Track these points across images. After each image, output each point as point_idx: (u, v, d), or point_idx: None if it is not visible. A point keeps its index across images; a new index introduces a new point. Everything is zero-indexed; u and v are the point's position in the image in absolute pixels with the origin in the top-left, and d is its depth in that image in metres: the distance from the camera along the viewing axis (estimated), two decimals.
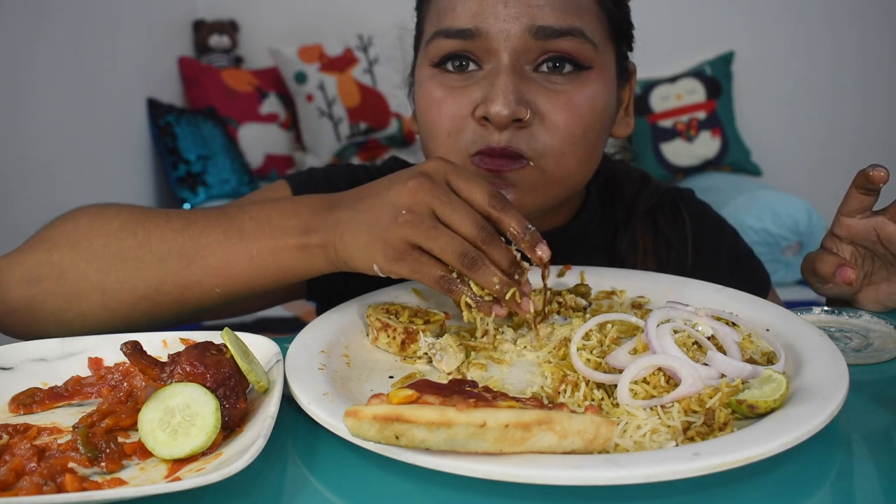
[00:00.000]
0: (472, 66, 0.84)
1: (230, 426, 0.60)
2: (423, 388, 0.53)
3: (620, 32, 0.90)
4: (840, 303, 0.90)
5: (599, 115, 0.85)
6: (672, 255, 1.02)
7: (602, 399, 0.62)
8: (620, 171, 1.06)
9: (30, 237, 0.81)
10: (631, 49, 0.94)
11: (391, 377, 0.70)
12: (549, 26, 0.80)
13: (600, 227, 1.02)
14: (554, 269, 0.90)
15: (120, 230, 0.77)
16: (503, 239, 0.70)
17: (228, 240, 0.76)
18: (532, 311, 0.71)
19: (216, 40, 3.40)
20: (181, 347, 0.70)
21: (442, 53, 0.84)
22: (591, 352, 0.66)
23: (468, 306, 0.71)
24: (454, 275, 0.69)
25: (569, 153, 0.84)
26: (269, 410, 0.58)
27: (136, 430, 0.59)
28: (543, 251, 0.70)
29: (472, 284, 0.70)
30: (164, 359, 0.64)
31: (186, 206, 2.86)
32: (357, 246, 0.71)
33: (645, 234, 1.02)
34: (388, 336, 0.73)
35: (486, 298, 0.70)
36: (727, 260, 1.06)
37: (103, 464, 0.56)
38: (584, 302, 0.82)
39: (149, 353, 0.64)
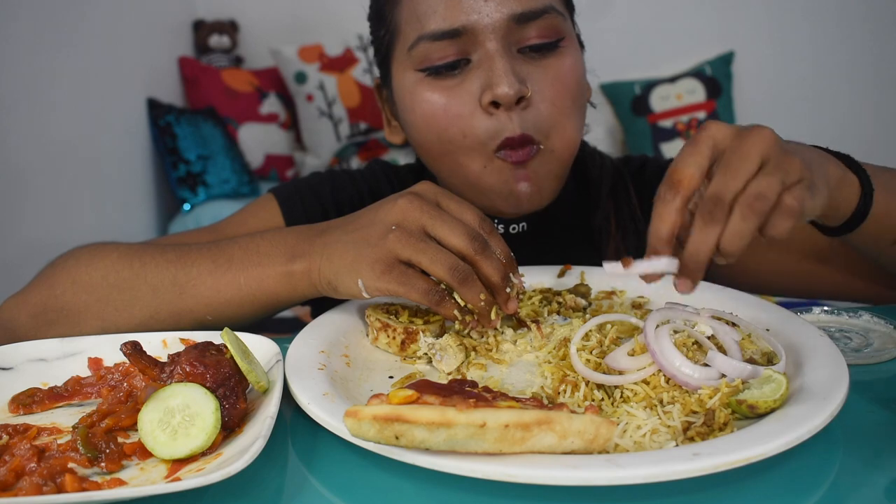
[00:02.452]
0: (460, 62, 0.86)
1: (230, 426, 0.60)
2: (423, 388, 0.53)
3: (570, 1, 0.94)
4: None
5: (581, 80, 0.89)
6: (630, 225, 1.03)
7: (602, 399, 0.62)
8: (586, 150, 1.07)
9: (35, 276, 0.86)
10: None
11: (391, 377, 0.70)
12: (528, 11, 0.84)
13: (576, 206, 1.04)
14: (554, 269, 0.90)
15: (117, 262, 0.81)
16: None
17: (218, 269, 0.79)
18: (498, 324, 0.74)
19: (216, 40, 3.40)
20: (181, 347, 0.70)
21: (430, 56, 0.85)
22: (591, 352, 0.66)
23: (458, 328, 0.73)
24: (441, 287, 0.71)
25: (567, 125, 0.87)
26: (269, 410, 0.58)
27: (136, 430, 0.59)
28: (517, 278, 0.74)
29: (457, 298, 0.72)
30: (164, 359, 0.64)
31: (186, 206, 2.86)
32: (344, 263, 0.73)
33: (614, 211, 1.03)
34: (388, 336, 0.73)
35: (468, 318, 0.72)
36: None
37: (103, 464, 0.56)
38: (583, 302, 0.82)
39: (149, 353, 0.65)
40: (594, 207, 1.03)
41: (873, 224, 0.72)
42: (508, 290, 0.72)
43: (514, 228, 0.98)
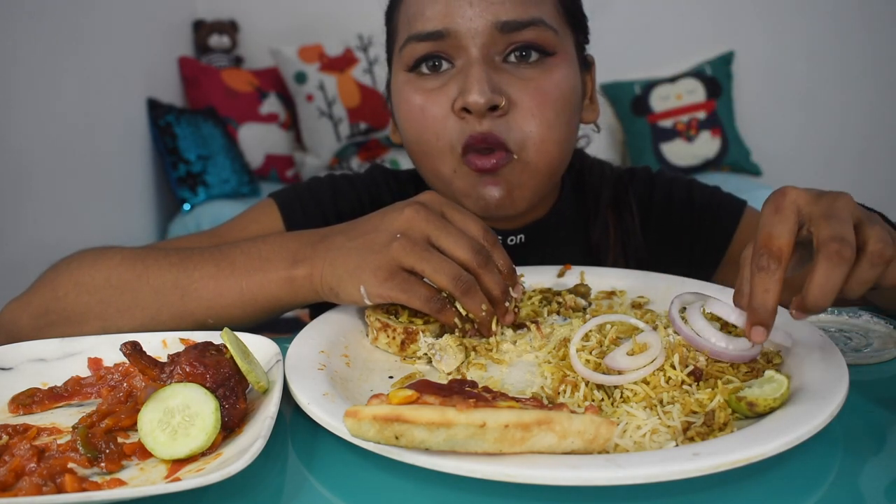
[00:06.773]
0: (444, 66, 0.87)
1: (230, 426, 0.60)
2: (423, 389, 0.53)
3: (576, 21, 0.94)
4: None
5: (568, 98, 0.89)
6: (630, 239, 1.03)
7: (602, 399, 0.62)
8: (585, 162, 1.08)
9: (37, 279, 0.86)
10: (587, 41, 0.97)
11: (391, 377, 0.70)
12: (513, 20, 0.84)
13: (574, 218, 1.04)
14: (553, 270, 0.90)
15: (120, 265, 0.81)
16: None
17: (220, 273, 0.79)
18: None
19: (216, 40, 3.40)
20: (181, 347, 0.70)
21: (416, 56, 0.87)
22: (591, 353, 0.66)
23: (460, 330, 0.74)
24: (443, 295, 0.71)
25: (547, 139, 0.87)
26: (269, 410, 0.58)
27: (136, 430, 0.58)
28: (517, 291, 0.75)
29: (458, 307, 0.72)
30: (164, 359, 0.64)
31: (186, 206, 2.86)
32: (347, 269, 0.73)
33: (613, 222, 1.04)
34: (388, 336, 0.73)
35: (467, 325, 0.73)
36: (681, 215, 1.04)
37: (103, 464, 0.56)
38: (583, 302, 0.82)
39: (148, 353, 0.64)
40: (593, 219, 1.04)
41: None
42: (507, 303, 0.73)
43: (511, 240, 0.98)
